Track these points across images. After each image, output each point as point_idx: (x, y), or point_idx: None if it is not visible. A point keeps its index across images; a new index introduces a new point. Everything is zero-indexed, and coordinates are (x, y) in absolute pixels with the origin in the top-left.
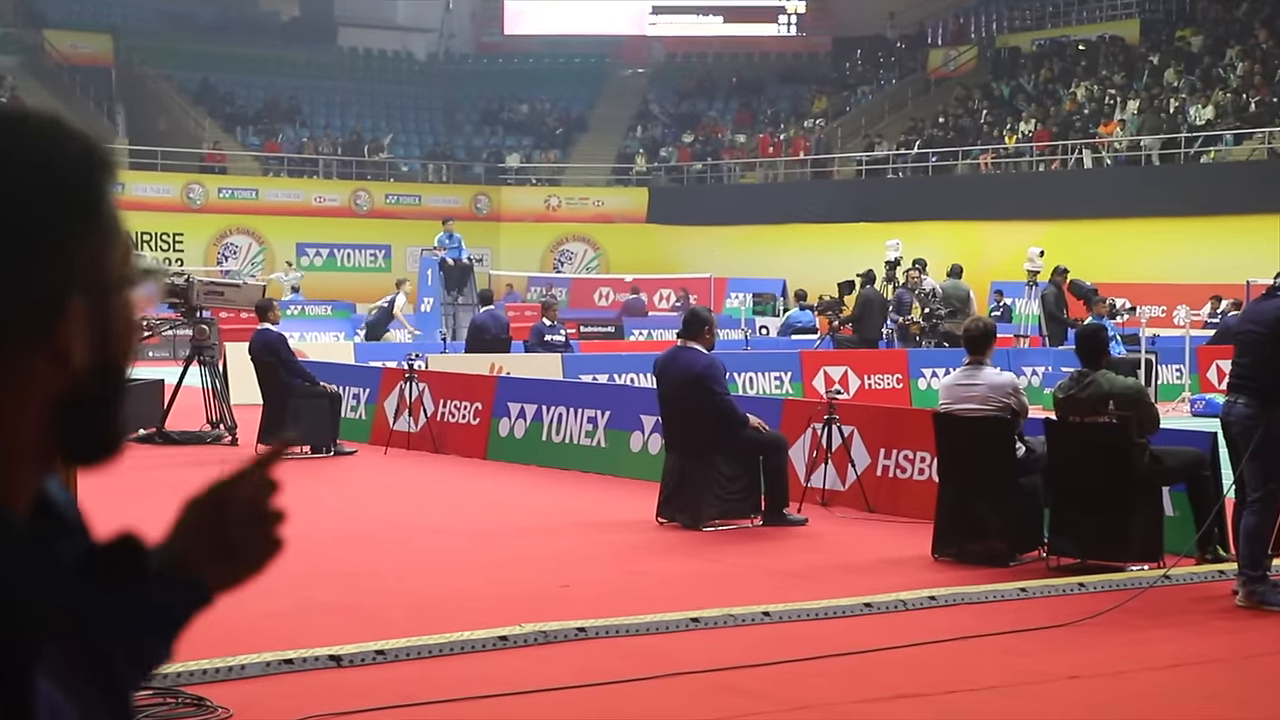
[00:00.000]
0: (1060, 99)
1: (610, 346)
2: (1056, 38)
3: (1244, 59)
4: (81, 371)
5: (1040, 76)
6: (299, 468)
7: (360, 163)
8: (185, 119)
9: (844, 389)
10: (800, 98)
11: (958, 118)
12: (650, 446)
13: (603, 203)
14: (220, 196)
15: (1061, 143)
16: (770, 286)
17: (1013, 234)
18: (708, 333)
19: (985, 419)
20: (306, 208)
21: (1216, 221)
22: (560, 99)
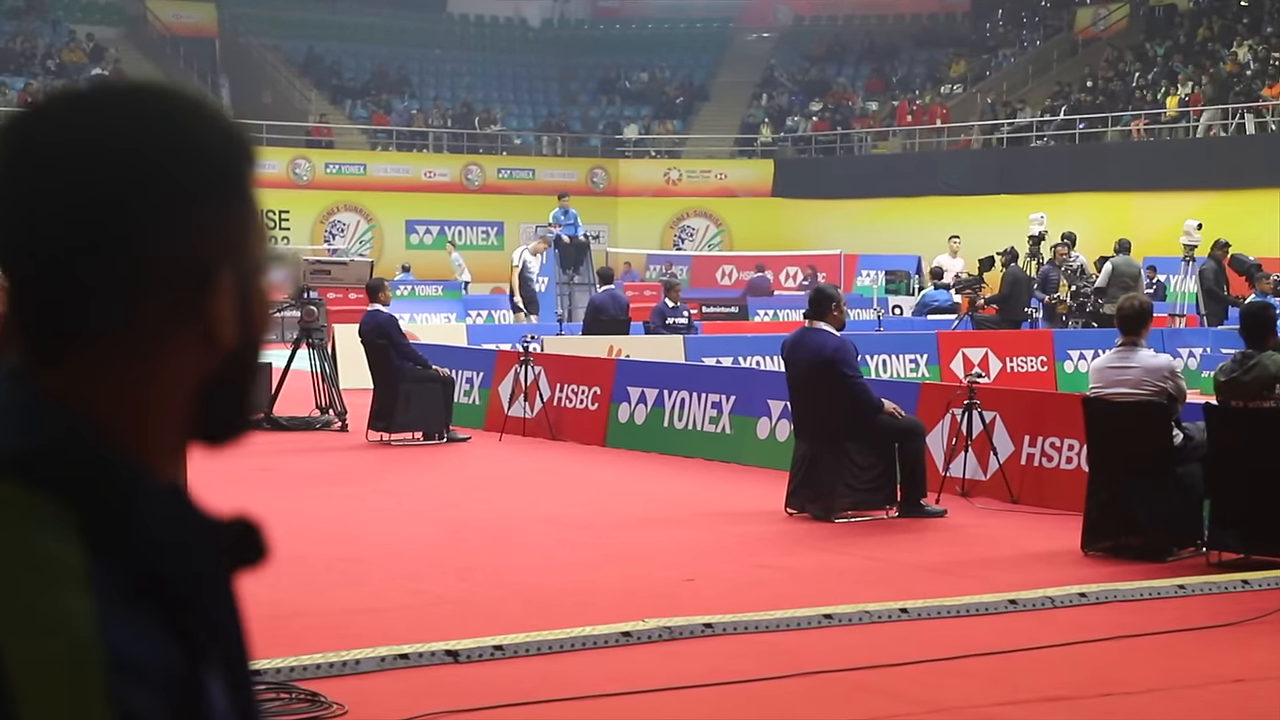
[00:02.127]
0: (1220, 59)
1: (734, 328)
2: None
3: None
4: (226, 352)
5: (1198, 35)
6: (411, 455)
7: (471, 135)
8: (291, 91)
9: (984, 372)
10: (936, 62)
11: (1107, 81)
12: (778, 433)
13: (725, 176)
14: (327, 172)
15: (1222, 106)
16: (904, 263)
17: (1167, 205)
18: (835, 310)
19: (1140, 404)
20: (416, 183)
21: None
22: (681, 66)
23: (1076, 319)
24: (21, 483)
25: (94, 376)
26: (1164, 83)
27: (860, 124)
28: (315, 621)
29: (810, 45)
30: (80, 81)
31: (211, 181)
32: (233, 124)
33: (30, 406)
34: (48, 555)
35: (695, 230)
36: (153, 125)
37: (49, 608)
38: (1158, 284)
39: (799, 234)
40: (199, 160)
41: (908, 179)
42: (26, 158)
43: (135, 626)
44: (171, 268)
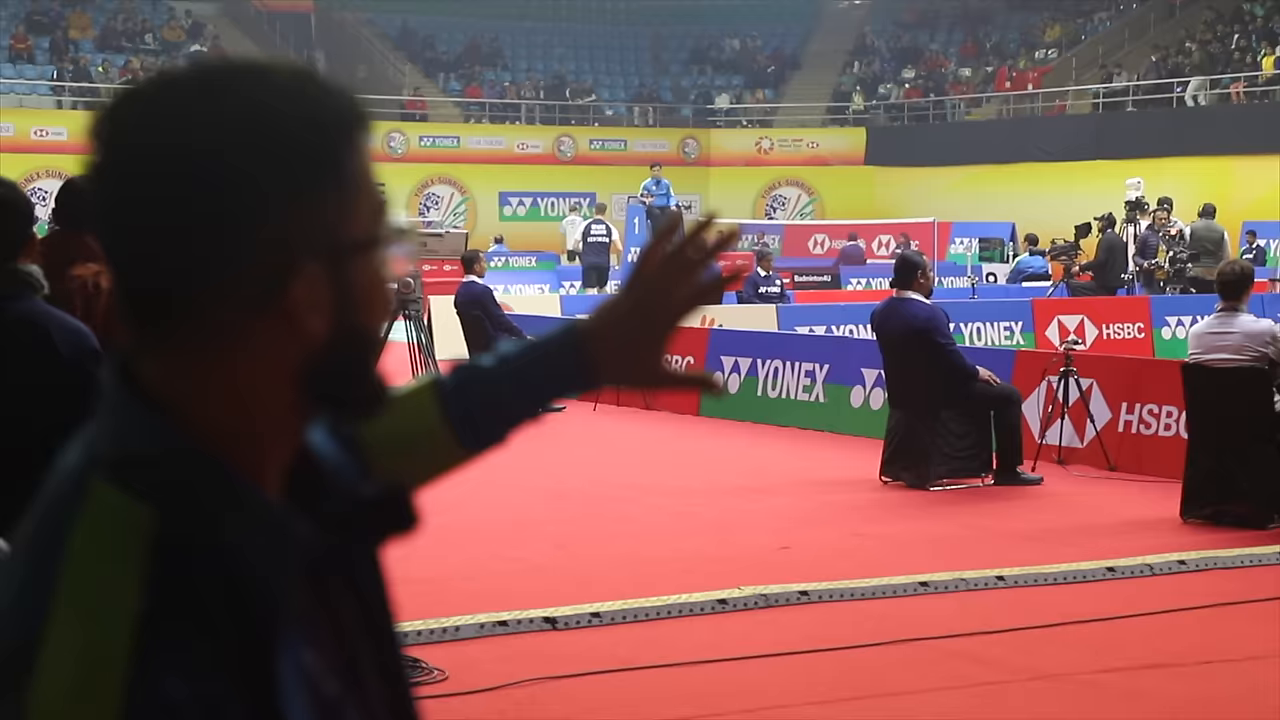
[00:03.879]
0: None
1: (827, 297)
2: None
3: None
4: (324, 337)
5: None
6: None
7: (563, 107)
8: (385, 65)
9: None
10: (1031, 26)
11: (1206, 43)
12: (872, 402)
13: (817, 144)
14: (421, 145)
15: None
16: (998, 231)
17: (1268, 169)
18: (922, 278)
19: (1240, 370)
20: (509, 155)
21: None
22: (772, 35)
23: (1175, 285)
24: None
25: (187, 367)
26: (1263, 44)
27: (954, 90)
28: (415, 589)
29: (902, 12)
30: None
31: (299, 170)
32: (334, 100)
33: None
34: (123, 556)
35: (787, 199)
36: (239, 115)
37: (104, 597)
38: (1257, 249)
39: (891, 202)
40: (286, 150)
41: (1002, 146)
42: (120, 147)
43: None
44: (255, 260)
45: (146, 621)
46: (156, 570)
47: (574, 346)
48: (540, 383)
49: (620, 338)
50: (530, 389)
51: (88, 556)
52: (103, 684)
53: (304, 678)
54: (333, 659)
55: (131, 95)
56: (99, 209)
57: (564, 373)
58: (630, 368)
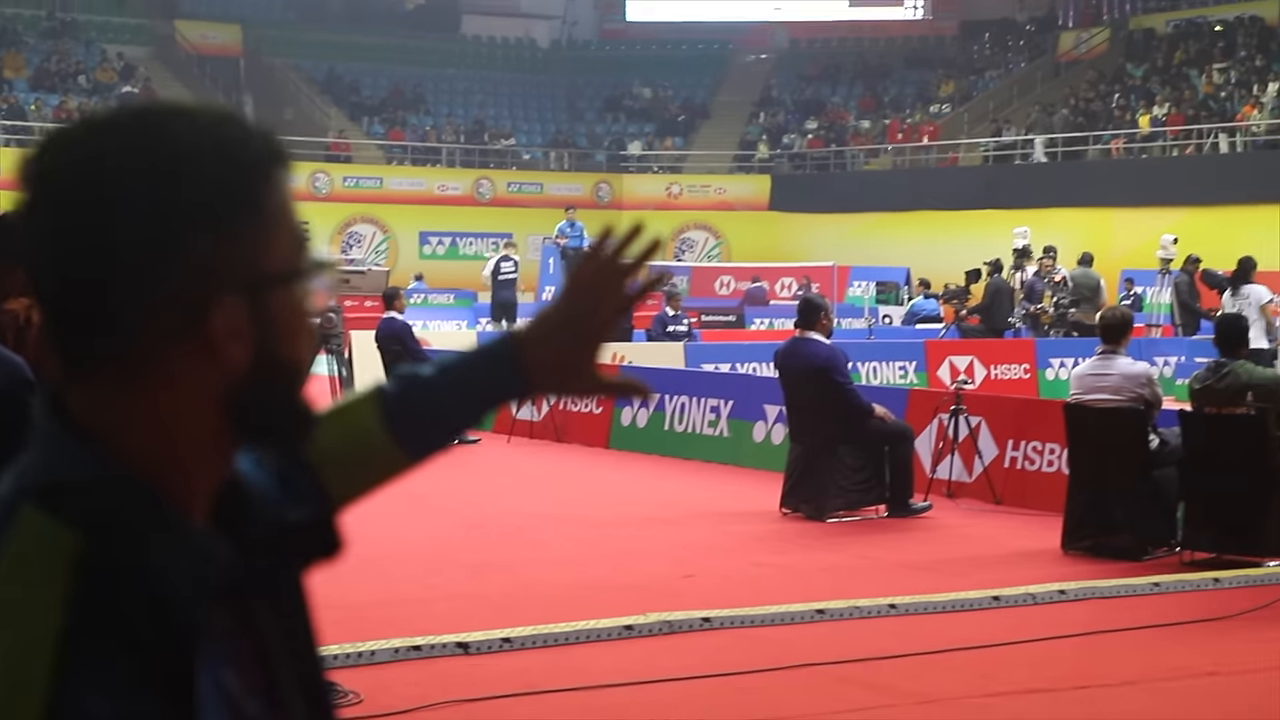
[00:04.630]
0: (1196, 82)
1: (732, 335)
2: (1192, 18)
3: None
4: (245, 366)
5: (1175, 59)
6: None
7: (483, 151)
8: (312, 108)
9: (970, 379)
10: (926, 82)
11: (1088, 101)
12: (774, 436)
13: (725, 190)
14: (345, 185)
15: (1197, 127)
16: (894, 275)
17: (1145, 221)
18: (824, 319)
19: (1118, 410)
20: (430, 196)
21: None
22: (683, 85)
23: (1058, 328)
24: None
25: (114, 397)
26: (1141, 103)
27: (854, 142)
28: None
29: (806, 66)
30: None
31: (219, 204)
32: (255, 141)
33: (62, 436)
34: (47, 578)
35: (695, 242)
36: (165, 153)
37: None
38: (1135, 296)
39: (794, 246)
40: (207, 185)
41: (898, 195)
42: (51, 184)
43: (102, 670)
44: (176, 290)
45: (69, 640)
46: (80, 590)
47: (510, 356)
48: (479, 390)
49: (554, 347)
50: (470, 396)
51: (10, 579)
52: (23, 705)
53: (224, 697)
54: (254, 680)
55: (63, 134)
56: (29, 243)
57: (502, 380)
58: (564, 375)
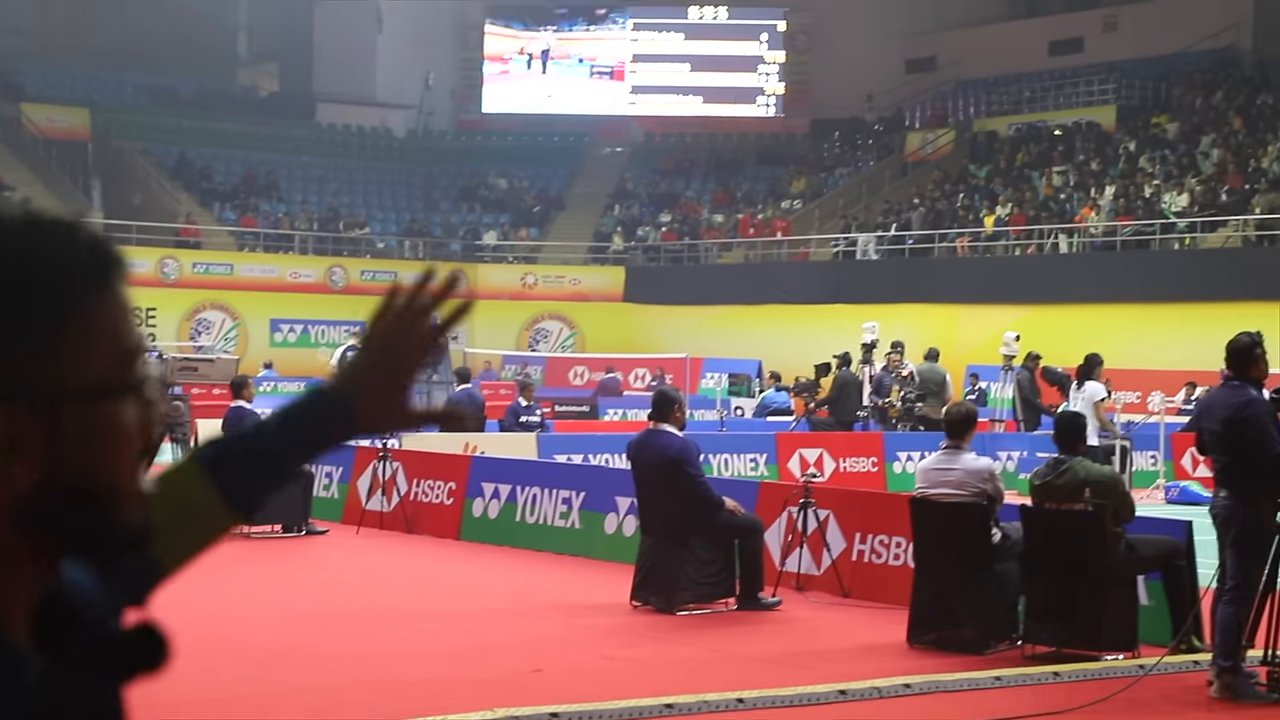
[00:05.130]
0: (1036, 183)
1: (585, 426)
2: (1033, 122)
3: (1218, 147)
4: (34, 485)
5: (1017, 161)
6: (269, 547)
7: (337, 239)
8: (161, 193)
9: (819, 471)
10: (778, 178)
11: (935, 200)
12: (625, 528)
13: (579, 281)
14: (195, 271)
15: (1037, 227)
16: (746, 367)
17: (989, 318)
18: (678, 412)
19: (961, 504)
20: (281, 283)
21: (1191, 308)
22: (538, 177)
23: (905, 422)
24: None
25: None
26: (985, 203)
27: (707, 235)
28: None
29: (661, 160)
30: None
31: (10, 320)
32: (76, 250)
33: None
34: None
35: (550, 332)
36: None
37: None
38: (980, 391)
39: (648, 337)
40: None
41: (751, 288)
42: None
43: None
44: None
45: None
46: None
47: (328, 403)
48: (301, 438)
49: (368, 390)
50: (292, 446)
51: None
52: None
53: None
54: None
55: None
56: None
57: (322, 426)
58: (381, 414)
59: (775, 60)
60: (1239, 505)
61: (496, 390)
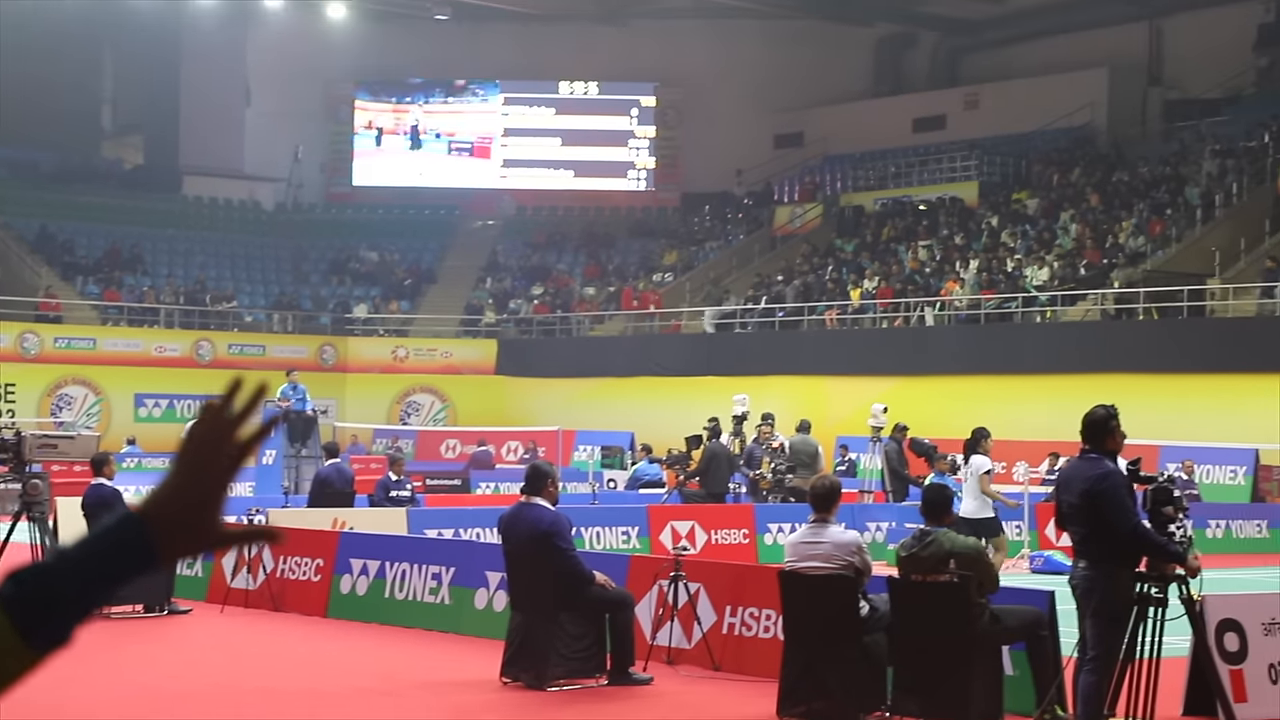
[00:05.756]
0: (902, 257)
1: (457, 500)
2: (899, 197)
3: (1076, 222)
4: None
5: (883, 235)
6: (130, 628)
7: (203, 312)
8: (21, 267)
9: (691, 544)
10: (649, 251)
11: (804, 274)
12: (495, 604)
13: (451, 354)
14: (56, 346)
15: (904, 300)
16: (619, 439)
17: (857, 389)
18: (551, 486)
19: (829, 577)
20: (146, 358)
21: (1053, 380)
22: (409, 250)
23: (776, 494)
24: None
25: None
26: (852, 276)
27: (579, 308)
28: None
29: (532, 233)
30: None
31: None
32: None
33: None
34: None
35: (421, 405)
36: None
37: None
38: (849, 462)
39: (520, 410)
40: None
41: (623, 360)
42: None
43: None
44: None
45: None
46: None
47: (133, 530)
48: (106, 567)
49: (176, 512)
50: (95, 580)
51: None
52: None
53: None
54: None
55: None
56: None
57: (127, 557)
58: (191, 537)
59: (646, 135)
60: (1098, 576)
61: (367, 464)
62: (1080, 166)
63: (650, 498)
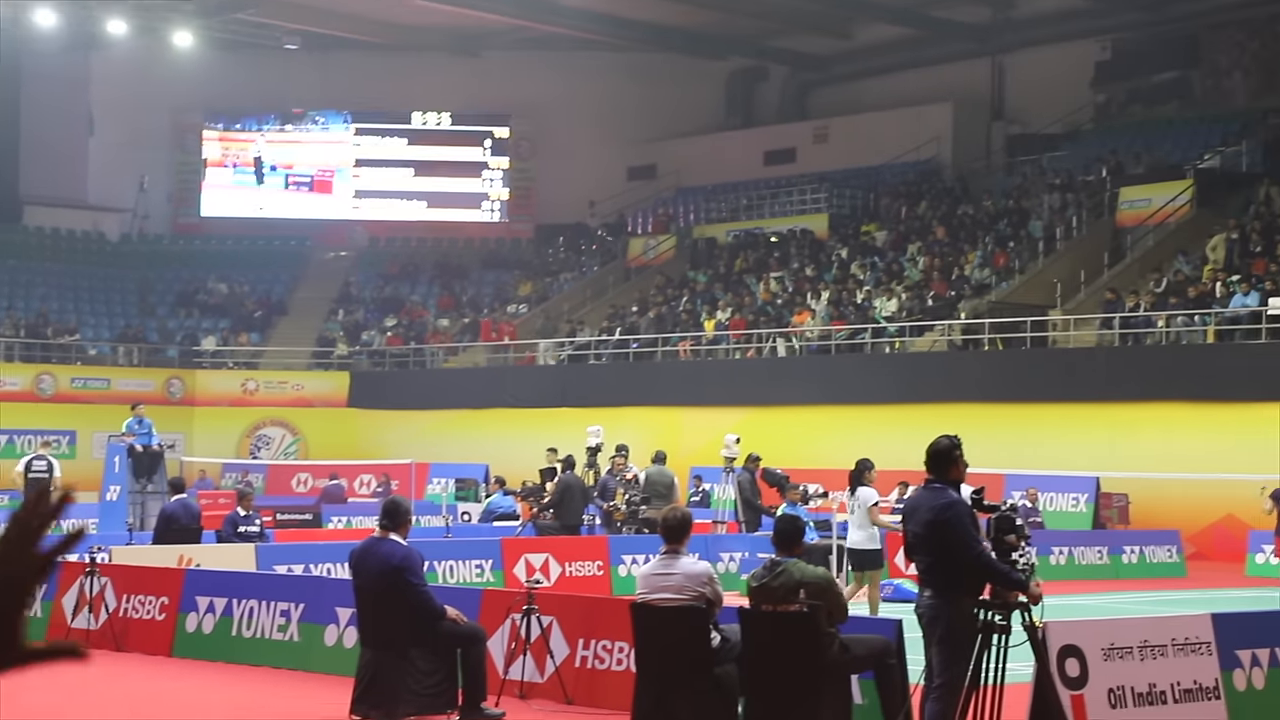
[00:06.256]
0: (754, 289)
1: (308, 535)
2: (751, 229)
3: (924, 254)
4: None
5: (736, 266)
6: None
7: (45, 345)
8: None
9: (545, 576)
10: (504, 283)
11: (658, 305)
12: (345, 640)
13: (302, 387)
14: None
15: (756, 331)
16: (473, 472)
17: (711, 420)
18: (405, 521)
19: (680, 609)
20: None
21: (902, 409)
22: (260, 281)
23: (630, 525)
24: None
25: None
26: (705, 308)
27: (433, 340)
28: None
29: (385, 264)
30: None
31: None
32: None
33: None
34: None
35: (272, 439)
36: None
37: None
38: (704, 493)
39: (373, 443)
40: None
41: (478, 392)
42: None
43: None
44: None
45: None
46: None
47: None
48: None
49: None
50: None
51: None
52: None
53: None
54: None
55: None
56: None
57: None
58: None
59: (499, 166)
60: (943, 604)
61: (215, 499)
62: (927, 199)
63: (504, 530)
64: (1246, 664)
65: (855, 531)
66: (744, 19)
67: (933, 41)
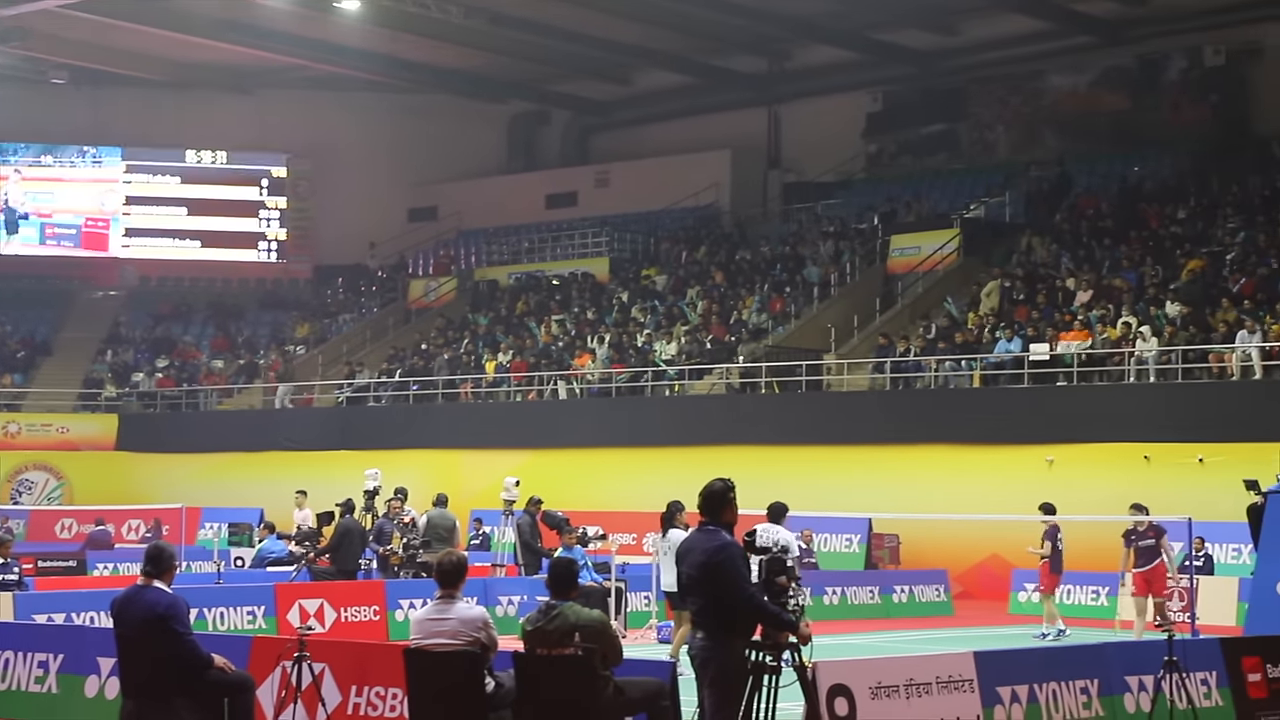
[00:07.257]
0: (535, 331)
1: (71, 583)
2: (532, 272)
3: (702, 299)
4: None
5: (517, 309)
6: None
7: None
8: None
9: (320, 622)
10: (281, 324)
11: (438, 347)
12: (107, 691)
13: (68, 429)
14: None
15: (537, 374)
16: (247, 516)
17: (492, 462)
18: (170, 568)
19: (454, 654)
20: None
21: (682, 451)
22: (23, 320)
23: (408, 570)
24: None
25: None
26: (487, 350)
27: (207, 381)
28: None
29: (157, 304)
30: None
31: None
32: None
33: None
34: None
35: (35, 483)
36: None
37: None
38: (484, 535)
39: (143, 487)
40: None
41: (253, 435)
42: None
43: None
44: None
45: None
46: None
47: None
48: None
49: None
50: None
51: None
52: None
53: None
54: None
55: None
56: None
57: None
58: None
59: (277, 205)
60: (715, 646)
61: None
62: (706, 245)
63: (278, 575)
64: (1007, 700)
65: (667, 574)
66: (526, 63)
67: (711, 90)
